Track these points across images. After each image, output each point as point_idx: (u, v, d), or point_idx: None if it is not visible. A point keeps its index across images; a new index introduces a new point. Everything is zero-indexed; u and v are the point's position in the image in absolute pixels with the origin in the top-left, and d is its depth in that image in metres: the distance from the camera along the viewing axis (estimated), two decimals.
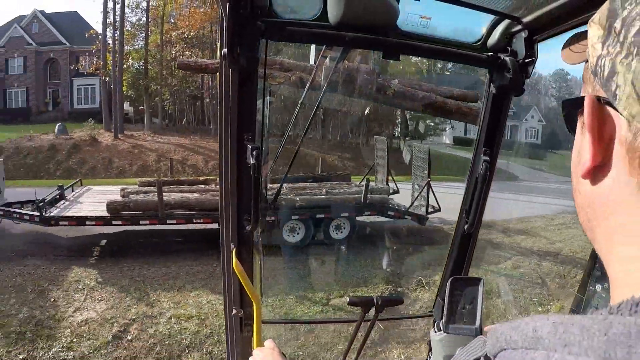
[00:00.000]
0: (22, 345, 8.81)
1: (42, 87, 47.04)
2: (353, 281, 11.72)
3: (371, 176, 15.76)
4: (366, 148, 30.42)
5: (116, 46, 36.15)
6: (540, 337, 0.56)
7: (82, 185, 18.17)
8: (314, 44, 2.76)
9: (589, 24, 0.74)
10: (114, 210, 13.06)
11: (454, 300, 2.52)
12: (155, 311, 10.01)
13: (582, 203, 0.75)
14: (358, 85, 11.22)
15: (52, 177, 26.93)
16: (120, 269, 12.17)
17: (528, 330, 0.59)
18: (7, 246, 13.80)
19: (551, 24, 1.98)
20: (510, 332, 0.62)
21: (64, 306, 10.30)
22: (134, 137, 33.76)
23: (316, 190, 14.69)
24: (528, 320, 0.60)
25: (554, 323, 0.56)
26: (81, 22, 49.02)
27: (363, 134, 32.97)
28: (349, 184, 16.67)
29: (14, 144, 31.13)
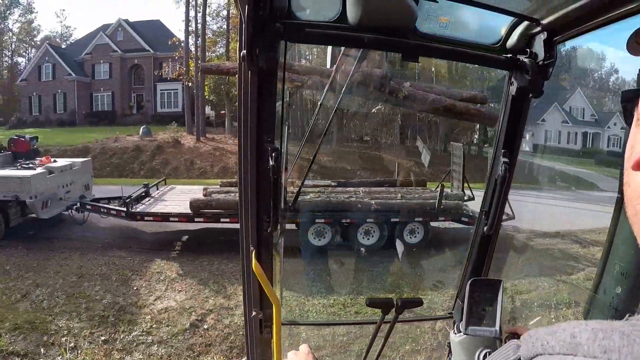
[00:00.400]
0: (104, 328, 9.31)
1: (127, 92, 48.39)
2: (429, 284, 11.65)
3: (447, 182, 15.63)
4: (444, 154, 29.94)
5: (198, 53, 36.89)
6: (579, 343, 0.57)
7: (166, 184, 18.74)
8: (332, 46, 2.75)
9: None
10: (196, 208, 13.45)
11: (473, 302, 2.50)
12: (232, 303, 10.29)
13: (631, 196, 0.73)
14: (371, 89, 11.55)
15: (137, 176, 27.94)
16: (200, 263, 12.56)
17: (566, 336, 0.60)
18: (94, 238, 14.47)
19: (571, 26, 1.95)
20: (547, 337, 0.63)
21: (146, 295, 10.78)
22: (215, 140, 34.28)
23: (391, 195, 14.69)
24: (565, 326, 0.61)
25: (593, 329, 0.57)
26: (164, 30, 50.30)
27: (441, 140, 32.39)
28: (424, 189, 16.55)
29: (100, 144, 32.41)
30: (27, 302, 10.14)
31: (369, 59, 10.86)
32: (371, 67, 11.35)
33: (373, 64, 11.30)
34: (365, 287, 11.57)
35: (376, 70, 11.35)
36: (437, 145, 33.11)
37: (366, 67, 11.01)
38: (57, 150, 28.54)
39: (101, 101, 48.17)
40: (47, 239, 14.38)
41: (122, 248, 13.73)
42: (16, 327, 9.09)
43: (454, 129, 33.68)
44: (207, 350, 8.78)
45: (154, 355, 8.57)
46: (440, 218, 14.39)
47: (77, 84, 46.60)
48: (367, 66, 10.71)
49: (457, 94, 12.64)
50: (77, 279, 11.39)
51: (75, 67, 47.54)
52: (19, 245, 13.54)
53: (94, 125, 43.32)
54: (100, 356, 8.46)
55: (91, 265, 12.24)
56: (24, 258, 12.62)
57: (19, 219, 14.44)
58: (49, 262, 12.40)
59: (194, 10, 38.33)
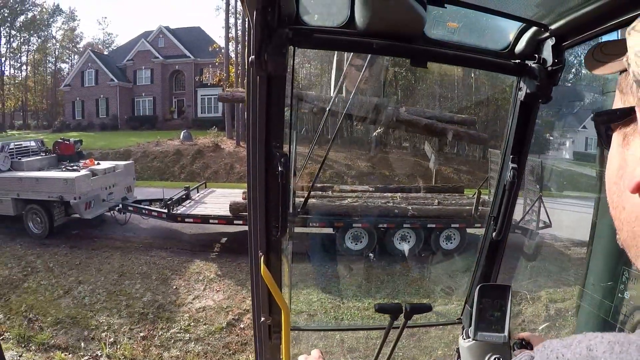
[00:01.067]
0: (143, 325, 9.53)
1: (168, 97, 48.88)
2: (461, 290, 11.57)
3: (484, 189, 15.49)
4: (482, 161, 29.58)
5: (238, 59, 37.05)
6: (596, 356, 0.57)
7: (206, 187, 18.87)
8: (341, 52, 2.65)
9: (627, 32, 0.74)
10: (236, 210, 13.56)
11: (482, 308, 2.50)
12: None
13: (627, 218, 0.72)
14: (371, 114, 13.06)
15: (177, 179, 28.25)
16: (238, 265, 12.66)
17: (582, 348, 0.59)
18: (136, 238, 14.74)
19: (579, 31, 1.93)
20: (562, 349, 0.62)
21: (184, 294, 10.96)
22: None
23: (428, 201, 14.64)
24: (581, 338, 0.61)
25: (610, 342, 0.57)
26: (204, 36, 50.72)
27: (480, 147, 31.95)
28: (462, 196, 16.42)
29: (142, 148, 32.90)
30: (70, 298, 10.41)
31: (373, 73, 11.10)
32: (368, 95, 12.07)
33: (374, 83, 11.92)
34: (401, 291, 11.55)
35: (374, 98, 12.75)
36: (476, 152, 32.75)
37: (367, 92, 11.66)
38: (100, 154, 28.94)
39: (143, 106, 48.77)
40: (90, 238, 14.74)
41: (162, 248, 13.97)
42: (58, 321, 9.37)
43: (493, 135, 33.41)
44: (243, 349, 8.87)
45: (190, 352, 8.71)
46: (476, 224, 14.28)
47: (119, 89, 47.26)
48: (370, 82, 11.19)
49: (449, 117, 13.78)
50: (118, 277, 11.65)
51: (117, 73, 48.22)
52: (62, 243, 13.91)
53: (136, 129, 43.92)
54: (138, 351, 8.64)
55: (132, 265, 12.52)
56: (67, 256, 12.97)
57: (63, 218, 14.88)
58: (91, 260, 12.72)
59: (234, 17, 38.76)
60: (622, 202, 0.72)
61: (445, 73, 27.47)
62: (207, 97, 47.63)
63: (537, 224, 13.41)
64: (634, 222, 0.70)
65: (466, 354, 2.60)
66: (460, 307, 2.95)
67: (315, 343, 7.97)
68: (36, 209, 14.44)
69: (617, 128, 0.74)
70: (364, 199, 14.09)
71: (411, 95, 30.41)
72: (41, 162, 16.51)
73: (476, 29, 2.34)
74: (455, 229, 13.92)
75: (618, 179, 0.73)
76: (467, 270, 12.79)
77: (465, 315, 2.76)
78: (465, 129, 14.48)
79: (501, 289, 2.54)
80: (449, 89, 30.85)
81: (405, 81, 29.99)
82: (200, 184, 18.92)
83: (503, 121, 23.07)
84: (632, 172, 0.68)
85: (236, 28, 38.32)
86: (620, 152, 0.73)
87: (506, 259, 2.78)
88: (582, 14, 1.82)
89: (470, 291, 2.82)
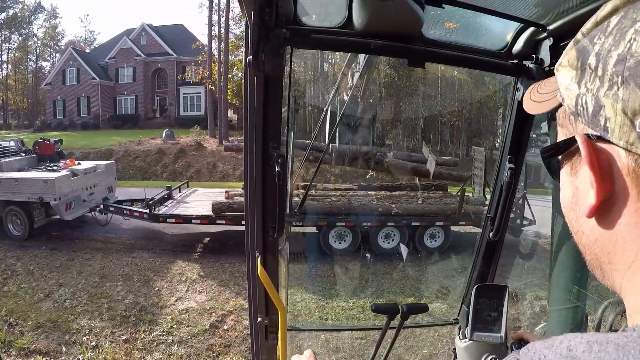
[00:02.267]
0: (125, 328, 9.48)
1: (150, 95, 48.70)
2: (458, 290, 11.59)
3: (468, 187, 15.52)
4: (466, 159, 29.75)
5: (221, 57, 37.03)
6: (575, 356, 0.58)
7: (188, 187, 18.82)
8: (338, 52, 2.62)
9: (556, 69, 0.79)
10: (218, 210, 13.54)
11: (479, 308, 2.49)
12: None
13: (587, 243, 0.74)
14: (361, 160, 14.39)
15: (159, 179, 28.17)
16: (221, 265, 12.64)
17: (562, 349, 0.60)
18: (117, 239, 14.64)
19: (576, 31, 1.77)
20: (544, 350, 0.63)
21: (167, 295, 10.90)
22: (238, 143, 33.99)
23: (412, 199, 14.66)
24: (562, 339, 0.62)
25: (589, 342, 0.58)
26: (187, 34, 50.61)
27: (463, 145, 32.12)
28: (446, 193, 16.48)
29: (124, 147, 32.79)
30: (50, 302, 10.31)
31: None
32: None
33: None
34: (387, 290, 11.56)
35: (364, 147, 14.06)
36: (460, 149, 32.94)
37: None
38: (81, 153, 28.84)
39: (125, 105, 48.54)
40: (71, 239, 14.58)
41: (144, 249, 13.87)
42: (39, 325, 9.27)
43: (477, 133, 33.55)
44: (227, 351, 8.85)
45: (174, 355, 8.66)
46: (461, 222, 14.32)
47: (101, 88, 46.97)
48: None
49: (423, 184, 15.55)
50: (100, 279, 11.54)
51: (99, 71, 47.95)
52: (43, 245, 13.76)
53: (118, 128, 43.69)
54: (121, 355, 8.57)
55: (113, 266, 12.41)
56: (48, 258, 12.83)
57: (43, 220, 14.69)
58: (72, 262, 12.59)
59: (217, 15, 38.63)
60: (581, 227, 0.75)
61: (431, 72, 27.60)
62: (189, 95, 47.60)
63: (522, 221, 13.51)
64: (594, 245, 0.73)
65: (463, 354, 2.59)
66: (457, 308, 2.96)
67: (312, 344, 7.97)
68: (16, 210, 14.25)
69: (564, 160, 0.77)
70: (347, 197, 14.08)
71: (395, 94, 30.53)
72: (21, 162, 16.33)
73: (474, 29, 2.34)
74: (439, 227, 13.98)
75: (574, 206, 0.76)
76: (454, 268, 12.87)
77: (462, 315, 2.78)
78: (448, 170, 15.71)
79: (498, 289, 2.53)
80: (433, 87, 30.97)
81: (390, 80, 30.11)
82: (182, 183, 18.89)
83: (487, 119, 23.37)
84: (584, 199, 0.70)
85: (219, 25, 38.20)
86: (571, 181, 0.76)
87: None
88: (579, 14, 1.83)
89: (467, 291, 2.83)
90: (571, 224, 0.79)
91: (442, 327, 8.17)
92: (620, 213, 0.65)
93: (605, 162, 0.65)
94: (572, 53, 0.73)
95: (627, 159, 0.62)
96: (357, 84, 10.10)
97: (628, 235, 0.65)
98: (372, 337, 7.93)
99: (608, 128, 0.63)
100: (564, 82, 0.74)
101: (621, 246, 0.67)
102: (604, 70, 0.63)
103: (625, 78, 0.60)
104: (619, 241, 0.67)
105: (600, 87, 0.64)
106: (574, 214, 0.76)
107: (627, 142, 0.60)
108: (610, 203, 0.66)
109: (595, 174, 0.66)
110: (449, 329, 7.46)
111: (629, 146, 0.60)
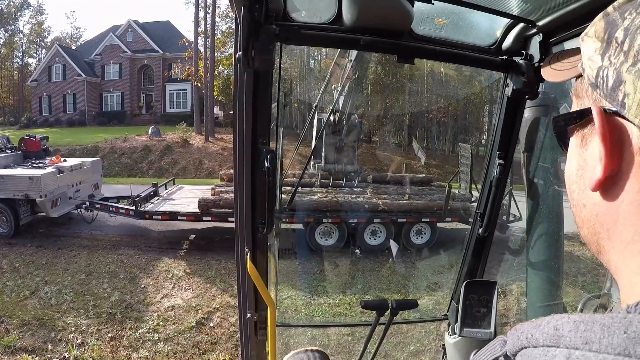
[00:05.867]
0: (111, 325, 9.40)
1: (137, 92, 48.57)
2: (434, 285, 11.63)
3: (455, 183, 15.56)
4: (452, 155, 29.89)
5: (207, 53, 36.90)
6: (562, 335, 0.59)
7: (174, 183, 18.75)
8: (328, 48, 2.59)
9: (581, 38, 0.78)
10: (204, 207, 13.47)
11: (468, 304, 2.51)
12: None
13: (587, 216, 0.75)
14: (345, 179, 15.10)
15: (145, 175, 28.08)
16: (207, 262, 12.60)
17: (549, 328, 0.61)
18: (103, 237, 14.60)
19: (566, 27, 1.94)
20: (532, 330, 0.64)
21: (153, 292, 10.84)
22: (224, 140, 34.21)
23: (399, 195, 14.68)
24: (549, 319, 0.63)
25: (575, 322, 0.59)
26: (173, 30, 50.55)
27: (449, 141, 32.24)
28: (431, 188, 16.49)
29: (110, 144, 32.70)
30: (36, 299, 10.24)
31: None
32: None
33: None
34: (373, 287, 11.59)
35: (350, 165, 14.51)
36: (446, 146, 33.07)
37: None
38: (67, 150, 28.73)
39: (111, 101, 48.39)
40: (57, 237, 14.47)
41: (130, 246, 13.80)
42: (24, 323, 9.20)
43: (463, 130, 33.68)
44: (213, 348, 8.82)
45: (160, 352, 8.62)
46: (447, 219, 14.36)
47: (87, 85, 46.76)
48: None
49: (409, 178, 16.95)
50: (85, 277, 11.47)
51: (85, 68, 47.72)
52: (28, 243, 13.65)
53: (104, 125, 43.56)
54: (107, 352, 8.52)
55: (99, 263, 12.34)
56: (33, 255, 12.72)
57: (28, 217, 14.58)
58: (58, 259, 12.50)
59: (204, 11, 38.54)
60: (583, 200, 0.76)
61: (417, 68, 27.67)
62: (175, 92, 47.52)
63: (508, 217, 13.54)
64: (594, 220, 0.73)
65: (452, 350, 2.62)
66: (446, 304, 2.96)
67: (300, 340, 8.00)
68: (1, 207, 14.09)
69: (575, 130, 0.77)
70: (333, 194, 14.08)
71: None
72: (6, 159, 16.14)
73: (464, 25, 2.33)
74: (425, 224, 14.01)
75: (578, 179, 0.77)
76: (440, 264, 12.90)
77: (452, 311, 2.79)
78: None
79: (487, 285, 2.55)
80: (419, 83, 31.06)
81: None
82: (168, 180, 18.84)
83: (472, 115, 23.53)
84: (592, 171, 0.70)
85: (205, 22, 38.19)
86: (580, 153, 0.76)
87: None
88: (569, 10, 1.84)
89: (456, 287, 2.83)
90: (572, 196, 0.79)
91: (431, 323, 8.13)
92: (624, 190, 0.66)
93: (617, 138, 0.66)
94: (600, 24, 0.73)
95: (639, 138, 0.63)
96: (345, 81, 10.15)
97: (629, 214, 0.66)
98: (361, 333, 7.95)
99: (625, 104, 0.63)
100: (588, 52, 0.74)
101: (621, 223, 0.68)
102: (631, 46, 0.64)
103: None
104: (620, 219, 0.68)
105: (625, 62, 0.64)
106: (577, 186, 0.77)
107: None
108: (616, 179, 0.67)
109: (605, 147, 0.66)
110: (438, 325, 7.50)
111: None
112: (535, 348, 0.62)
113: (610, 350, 0.53)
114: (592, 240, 0.75)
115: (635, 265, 0.65)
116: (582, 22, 1.78)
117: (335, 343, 8.44)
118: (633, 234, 0.66)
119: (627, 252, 0.67)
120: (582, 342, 0.56)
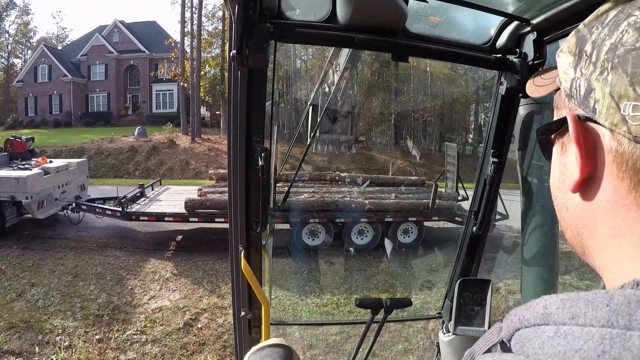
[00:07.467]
0: (99, 327, 9.35)
1: (123, 93, 48.45)
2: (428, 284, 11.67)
3: (441, 182, 15.56)
4: (438, 154, 29.96)
5: (194, 54, 36.76)
6: (550, 312, 0.62)
7: (161, 184, 18.67)
8: (322, 46, 2.60)
9: (557, 54, 0.83)
10: (191, 207, 13.45)
11: (462, 302, 2.53)
12: (226, 302, 10.28)
13: (570, 218, 0.79)
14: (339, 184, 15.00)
15: (132, 176, 27.94)
16: (195, 263, 12.57)
17: (539, 308, 0.64)
18: (90, 238, 14.53)
19: (560, 26, 1.96)
20: (524, 312, 0.67)
21: (140, 294, 10.81)
22: (211, 140, 34.21)
23: (385, 195, 14.70)
24: (539, 301, 0.66)
25: (562, 300, 0.61)
26: (159, 31, 50.44)
27: (435, 140, 32.26)
28: (419, 189, 16.51)
29: (96, 145, 32.51)
30: (22, 302, 10.17)
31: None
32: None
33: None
34: (360, 286, 11.62)
35: (344, 174, 14.89)
36: (432, 145, 33.09)
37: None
38: (53, 151, 28.56)
39: (97, 102, 48.24)
40: (43, 238, 14.36)
41: (117, 248, 13.73)
42: (11, 325, 9.13)
43: (449, 129, 33.74)
44: (201, 349, 8.81)
45: (147, 354, 8.59)
46: (434, 218, 14.40)
47: (73, 85, 46.56)
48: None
49: (401, 180, 16.94)
50: (72, 279, 11.40)
51: (71, 68, 47.52)
52: (14, 245, 13.53)
53: (90, 126, 43.46)
54: (94, 355, 8.49)
55: (86, 265, 12.26)
56: (20, 258, 12.63)
57: (14, 219, 14.48)
58: (44, 261, 12.41)
59: (190, 12, 38.37)
60: (565, 204, 0.80)
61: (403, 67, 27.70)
62: (162, 92, 47.44)
63: (495, 216, 13.53)
64: (576, 221, 0.77)
65: (446, 348, 2.63)
66: (441, 302, 2.98)
67: (295, 338, 7.99)
68: None
69: (556, 139, 0.82)
70: (320, 193, 14.10)
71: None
72: None
73: (458, 23, 2.34)
74: (412, 223, 14.04)
75: (560, 184, 0.80)
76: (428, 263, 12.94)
77: (446, 309, 2.79)
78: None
79: (481, 283, 2.57)
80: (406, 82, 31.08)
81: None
82: (155, 181, 18.75)
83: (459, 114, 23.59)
84: (571, 175, 0.74)
85: (192, 22, 38.01)
86: (560, 160, 0.80)
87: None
88: (563, 9, 1.85)
89: (450, 285, 2.84)
90: (556, 201, 0.84)
91: (425, 322, 8.20)
92: (601, 189, 0.70)
93: (591, 141, 0.70)
94: (572, 40, 0.77)
95: (611, 139, 0.67)
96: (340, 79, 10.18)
97: (607, 211, 0.69)
98: (355, 331, 7.99)
99: (596, 109, 0.67)
100: (563, 66, 0.79)
101: (601, 221, 0.71)
102: (597, 57, 0.68)
103: (614, 64, 0.65)
104: (599, 216, 0.71)
105: (593, 71, 0.69)
106: (559, 191, 0.81)
107: (612, 123, 0.65)
108: (593, 180, 0.71)
109: (580, 150, 0.70)
110: (433, 323, 7.50)
111: (613, 127, 0.65)
112: (527, 328, 0.65)
113: (594, 322, 0.56)
114: (577, 241, 0.79)
115: (617, 258, 0.69)
116: (576, 21, 1.73)
117: (329, 341, 8.47)
118: (612, 229, 0.69)
119: (609, 247, 0.71)
120: (569, 317, 0.59)
